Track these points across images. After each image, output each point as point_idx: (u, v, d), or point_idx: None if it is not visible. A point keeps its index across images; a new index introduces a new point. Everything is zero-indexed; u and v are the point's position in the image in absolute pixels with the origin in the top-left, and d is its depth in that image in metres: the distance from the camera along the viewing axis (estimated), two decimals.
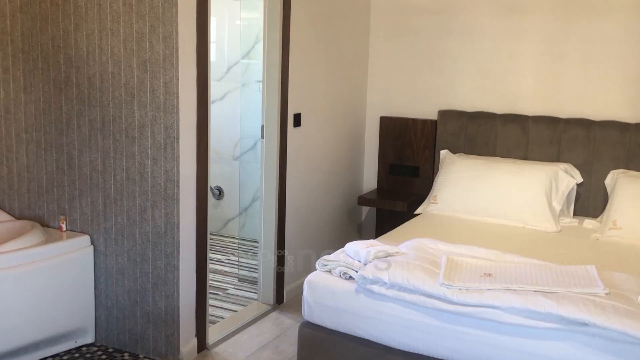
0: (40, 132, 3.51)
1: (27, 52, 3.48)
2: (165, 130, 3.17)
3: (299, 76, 4.04)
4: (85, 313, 3.43)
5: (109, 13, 3.21)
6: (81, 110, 3.36)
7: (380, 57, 4.78)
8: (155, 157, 3.21)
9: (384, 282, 2.72)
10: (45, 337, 3.27)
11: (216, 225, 5.48)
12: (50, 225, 3.55)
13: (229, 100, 5.38)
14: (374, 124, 4.85)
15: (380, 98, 4.82)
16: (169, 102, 3.14)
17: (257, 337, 3.66)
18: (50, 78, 3.43)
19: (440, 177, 4.20)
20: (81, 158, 3.40)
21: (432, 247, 3.06)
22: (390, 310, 2.73)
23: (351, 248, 2.99)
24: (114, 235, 3.38)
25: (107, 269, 3.42)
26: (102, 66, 3.27)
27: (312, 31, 4.15)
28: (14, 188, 3.65)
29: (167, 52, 3.10)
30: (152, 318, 3.34)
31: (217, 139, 4.91)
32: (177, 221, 3.22)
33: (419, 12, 4.61)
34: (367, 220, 4.96)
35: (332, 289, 2.87)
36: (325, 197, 4.51)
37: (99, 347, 3.47)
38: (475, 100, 4.47)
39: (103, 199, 3.37)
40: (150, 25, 3.11)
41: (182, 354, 3.32)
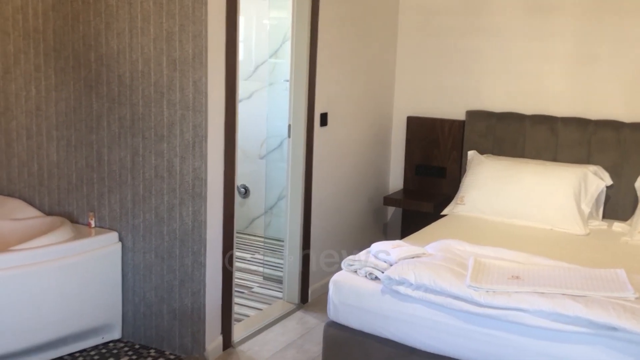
0: (70, 130, 3.55)
1: (59, 50, 3.52)
2: (193, 128, 3.19)
3: (326, 75, 4.04)
4: (112, 309, 3.47)
5: (139, 12, 3.24)
6: (111, 108, 3.40)
7: (408, 57, 4.76)
8: (183, 155, 3.24)
9: (410, 283, 2.70)
10: (73, 332, 3.32)
11: (242, 223, 5.50)
12: (80, 221, 3.60)
13: (256, 100, 5.40)
14: (401, 124, 4.83)
15: (407, 98, 4.81)
16: (198, 101, 3.16)
17: (282, 336, 3.67)
18: (81, 76, 3.47)
19: (467, 178, 4.18)
20: (110, 155, 3.44)
21: (459, 249, 3.04)
22: (416, 311, 2.72)
23: (377, 248, 2.99)
24: (141, 232, 3.41)
25: (135, 265, 3.45)
26: (132, 65, 3.30)
27: (340, 30, 4.15)
28: (44, 184, 3.71)
29: (197, 51, 3.12)
30: (179, 315, 3.37)
31: (243, 138, 4.93)
32: (205, 219, 3.24)
33: (447, 12, 4.58)
34: (393, 220, 4.95)
35: (357, 289, 2.86)
36: (351, 197, 4.51)
37: (125, 343, 3.51)
38: (503, 101, 4.44)
39: (132, 196, 3.41)
40: (180, 24, 3.14)
41: (208, 351, 3.34)
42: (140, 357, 3.36)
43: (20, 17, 3.64)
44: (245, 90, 5.40)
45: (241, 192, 5.59)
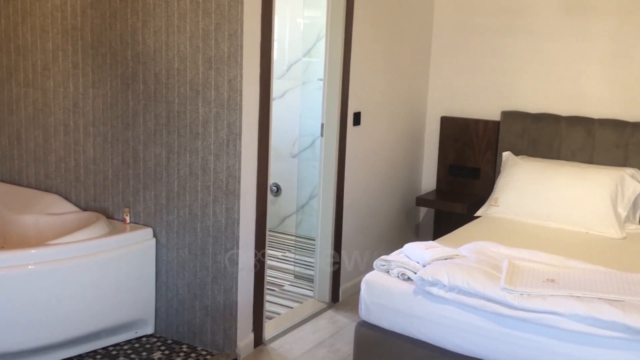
0: (107, 126, 3.60)
1: (96, 48, 3.57)
2: (228, 126, 3.21)
3: (360, 75, 4.03)
4: (146, 304, 3.51)
5: (175, 10, 3.26)
6: (147, 106, 3.43)
7: (443, 56, 4.73)
8: (217, 153, 3.26)
9: (443, 285, 2.69)
10: (107, 327, 3.36)
11: (273, 221, 5.52)
12: (115, 217, 3.64)
13: (289, 98, 5.41)
14: (435, 123, 4.80)
15: (441, 98, 4.78)
16: (233, 99, 3.18)
17: (313, 335, 3.68)
18: (118, 74, 3.51)
19: (501, 180, 4.14)
20: (146, 152, 3.47)
21: (493, 251, 3.01)
22: (448, 313, 2.70)
23: (410, 249, 2.98)
24: (175, 229, 3.44)
25: (169, 261, 3.49)
26: (168, 63, 3.33)
27: (374, 30, 4.14)
28: (81, 180, 3.76)
29: (232, 50, 3.14)
30: (211, 311, 3.39)
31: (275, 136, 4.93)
32: (238, 217, 3.26)
33: (483, 11, 4.54)
34: (425, 221, 4.92)
35: (389, 290, 2.85)
36: (383, 196, 4.49)
37: (158, 338, 3.54)
38: (539, 102, 4.38)
39: (166, 193, 3.44)
40: (216, 22, 3.16)
41: (239, 348, 3.36)
42: (172, 352, 3.39)
43: (59, 15, 3.69)
44: (278, 89, 5.42)
45: (273, 191, 5.61)
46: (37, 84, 3.85)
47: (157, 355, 3.35)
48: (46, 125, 3.86)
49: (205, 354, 3.37)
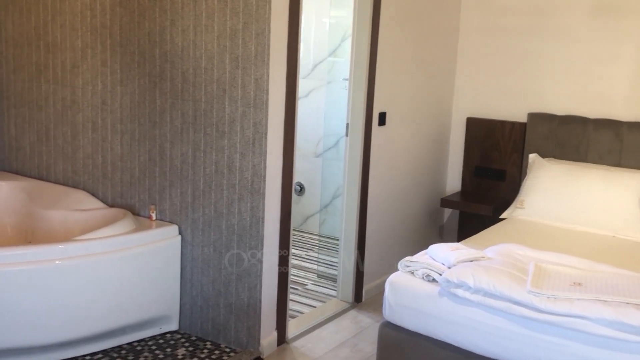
0: (134, 124, 3.63)
1: (125, 46, 3.60)
2: (254, 125, 3.22)
3: (385, 75, 4.02)
4: (170, 301, 3.53)
5: (204, 9, 3.28)
6: (174, 104, 3.46)
7: (469, 57, 4.71)
8: (243, 152, 3.27)
9: (469, 287, 2.67)
10: (132, 322, 3.39)
11: (296, 221, 5.53)
12: (141, 214, 3.67)
13: (313, 98, 5.42)
14: (460, 124, 4.78)
15: (467, 99, 4.75)
16: (259, 98, 3.19)
17: (336, 334, 3.68)
18: (146, 72, 3.54)
19: (528, 182, 4.11)
20: (172, 150, 3.50)
21: (519, 254, 2.99)
22: (474, 315, 2.68)
23: (435, 250, 2.96)
24: (201, 226, 3.46)
25: (193, 258, 3.51)
26: (195, 61, 3.35)
27: (401, 30, 4.13)
28: (108, 177, 3.80)
29: (259, 49, 3.15)
30: (235, 309, 3.41)
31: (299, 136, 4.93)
32: (263, 215, 3.27)
33: (510, 12, 4.51)
34: (449, 222, 4.90)
35: (414, 291, 2.85)
36: (408, 197, 4.48)
37: (182, 334, 3.57)
38: (566, 104, 4.34)
39: (192, 191, 3.46)
40: (243, 22, 3.17)
41: (263, 346, 3.38)
42: (196, 349, 3.41)
43: (88, 13, 3.73)
44: (303, 89, 5.42)
45: (296, 190, 5.62)
46: (66, 82, 3.90)
47: (181, 352, 3.37)
48: (74, 122, 3.90)
49: (228, 352, 3.39)
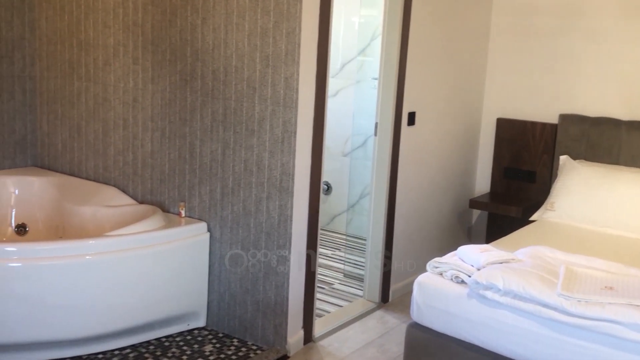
0: (165, 122, 3.66)
1: (156, 44, 3.63)
2: (283, 124, 3.23)
3: (415, 74, 4.00)
4: (198, 297, 3.56)
5: (235, 8, 3.30)
6: (204, 102, 3.48)
7: (500, 58, 4.66)
8: (272, 150, 3.28)
9: (498, 289, 2.65)
10: (161, 318, 3.42)
11: (323, 220, 5.53)
12: (170, 211, 3.70)
13: (342, 97, 5.41)
14: (490, 125, 4.74)
15: (497, 99, 4.71)
16: (289, 97, 3.19)
17: (362, 334, 3.67)
18: (177, 70, 3.56)
19: (558, 184, 4.06)
20: (202, 148, 3.52)
21: (550, 256, 2.96)
22: (503, 317, 2.66)
23: (464, 251, 2.94)
24: (229, 224, 3.48)
25: (222, 256, 3.53)
26: (226, 60, 3.37)
27: (431, 29, 4.10)
28: (138, 174, 3.83)
29: (290, 48, 3.15)
30: (262, 307, 3.42)
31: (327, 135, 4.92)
32: (291, 214, 3.28)
33: (542, 13, 4.46)
34: (478, 224, 4.86)
35: (442, 292, 2.83)
36: (436, 198, 4.46)
37: (209, 331, 3.59)
38: (598, 105, 4.28)
39: (221, 189, 3.48)
40: (274, 20, 3.18)
41: (289, 344, 3.38)
42: (223, 345, 3.43)
43: (120, 11, 3.77)
44: (332, 88, 5.42)
45: (323, 189, 5.61)
46: (98, 79, 3.94)
47: (209, 348, 3.39)
48: (106, 119, 3.94)
49: (255, 349, 3.40)
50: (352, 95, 5.24)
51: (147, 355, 3.30)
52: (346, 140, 5.41)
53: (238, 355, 3.33)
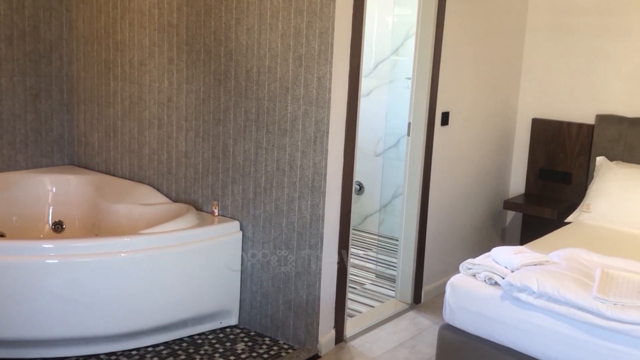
0: (199, 121, 3.69)
1: (191, 44, 3.67)
2: (315, 124, 3.24)
3: (449, 74, 3.98)
4: (231, 296, 3.58)
5: (268, 8, 3.31)
6: (238, 102, 3.50)
7: (535, 57, 4.61)
8: (304, 150, 3.29)
9: (532, 291, 2.62)
10: (194, 316, 3.45)
11: (355, 220, 5.53)
12: (204, 209, 3.73)
13: (375, 97, 5.40)
14: (525, 125, 4.68)
15: (533, 99, 4.65)
16: (321, 97, 3.20)
17: (394, 335, 3.66)
18: (211, 70, 3.59)
19: (595, 185, 3.99)
20: (235, 147, 3.54)
21: (585, 259, 2.91)
22: (537, 320, 2.63)
23: (498, 253, 2.91)
24: (261, 223, 3.49)
25: (254, 254, 3.54)
26: (259, 60, 3.38)
27: (466, 28, 4.07)
28: (172, 173, 3.88)
29: (323, 48, 3.15)
30: (294, 306, 3.43)
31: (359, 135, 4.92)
32: (323, 213, 3.28)
33: (578, 12, 4.39)
34: (512, 225, 4.81)
35: (475, 294, 2.81)
36: (470, 198, 4.42)
37: (241, 329, 3.61)
38: (636, 106, 4.20)
39: (254, 188, 3.50)
40: (307, 21, 3.18)
41: (321, 344, 3.39)
42: (255, 344, 3.45)
43: (156, 12, 3.82)
44: (364, 88, 5.40)
45: (355, 189, 5.61)
46: (134, 79, 4.00)
47: (240, 347, 3.41)
48: (141, 119, 3.99)
49: (287, 348, 3.41)
50: (385, 95, 5.22)
51: (180, 352, 3.33)
52: (378, 141, 5.39)
53: (270, 354, 3.35)
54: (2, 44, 4.00)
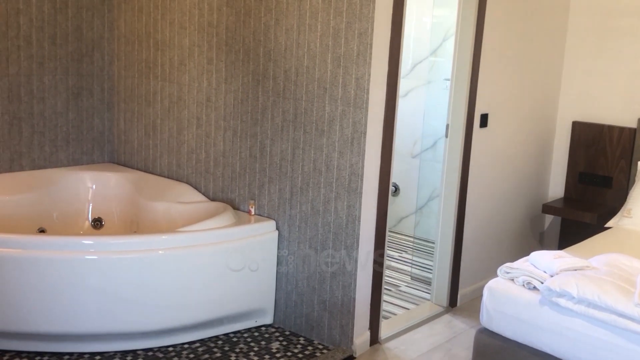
0: (237, 121, 3.72)
1: (230, 44, 3.70)
2: (353, 124, 3.23)
3: (489, 75, 3.94)
4: (266, 295, 3.60)
5: (308, 9, 3.32)
6: (276, 102, 3.52)
7: (577, 59, 4.53)
8: (341, 151, 3.29)
9: (572, 297, 2.58)
10: (230, 314, 3.47)
11: (390, 221, 5.46)
12: (240, 208, 3.76)
13: (412, 98, 5.37)
14: (565, 128, 4.61)
15: (573, 102, 4.58)
16: (359, 98, 3.19)
17: (429, 338, 3.64)
18: (250, 70, 3.61)
19: (636, 190, 3.91)
20: (273, 147, 3.56)
21: (627, 264, 2.85)
22: (576, 326, 2.59)
23: (537, 257, 2.87)
24: (297, 223, 3.50)
25: (289, 254, 3.55)
26: (298, 60, 3.39)
27: (506, 29, 4.03)
28: (210, 172, 3.91)
29: (361, 48, 3.15)
30: (329, 306, 3.43)
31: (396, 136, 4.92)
32: (359, 214, 3.28)
33: (621, 13, 4.31)
34: (550, 230, 4.74)
35: (513, 298, 2.77)
36: (508, 202, 4.37)
37: (276, 328, 3.62)
38: None
39: (290, 188, 3.51)
40: (347, 21, 3.18)
41: (355, 345, 3.38)
42: (290, 343, 3.46)
43: (196, 12, 3.85)
44: (402, 88, 5.35)
45: (391, 190, 5.58)
46: (174, 78, 4.04)
47: (275, 346, 3.43)
48: (180, 118, 4.04)
49: (321, 348, 3.42)
50: (423, 96, 5.19)
51: (215, 350, 3.36)
52: (415, 142, 5.37)
53: (304, 354, 3.36)
54: (45, 43, 4.09)
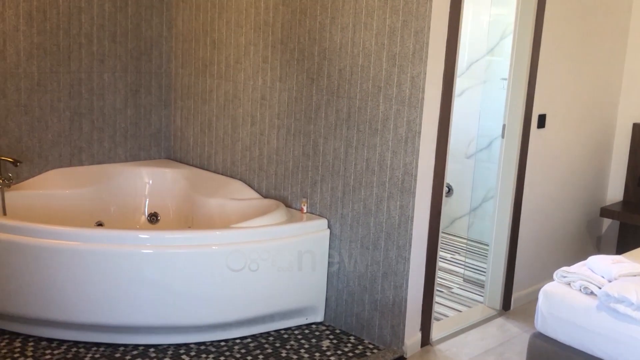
0: (290, 119, 3.74)
1: (285, 43, 3.72)
2: (407, 124, 3.21)
3: (547, 75, 3.86)
4: (317, 293, 3.60)
5: (364, 7, 3.31)
6: (329, 101, 3.52)
7: (638, 59, 4.40)
8: (395, 150, 3.27)
9: (631, 303, 2.51)
10: (281, 310, 3.50)
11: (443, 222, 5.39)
12: (293, 206, 3.77)
13: (467, 98, 5.30)
14: (626, 130, 4.49)
15: (635, 103, 4.45)
16: (414, 97, 3.17)
17: (481, 341, 3.59)
18: (304, 69, 3.63)
19: None
20: (326, 146, 3.56)
21: None
22: (634, 333, 2.52)
23: (595, 262, 2.81)
24: (349, 222, 3.50)
25: (341, 253, 3.56)
26: (353, 59, 3.39)
27: (565, 28, 3.94)
28: (264, 169, 3.94)
29: (417, 47, 3.13)
30: (380, 306, 3.42)
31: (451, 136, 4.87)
32: (412, 214, 3.25)
33: None
34: (608, 234, 4.62)
35: (570, 303, 2.72)
36: (565, 205, 4.27)
37: (327, 326, 3.63)
38: None
39: (342, 186, 3.51)
40: (403, 20, 3.16)
41: (406, 346, 3.36)
42: (340, 342, 3.46)
43: (252, 11, 3.89)
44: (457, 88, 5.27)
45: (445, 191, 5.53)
46: (229, 76, 4.09)
47: (326, 343, 3.43)
48: (235, 116, 4.08)
49: (372, 348, 3.41)
50: (478, 95, 5.12)
51: (266, 345, 3.38)
52: (470, 142, 5.30)
53: (355, 353, 3.35)
54: (106, 41, 4.18)
